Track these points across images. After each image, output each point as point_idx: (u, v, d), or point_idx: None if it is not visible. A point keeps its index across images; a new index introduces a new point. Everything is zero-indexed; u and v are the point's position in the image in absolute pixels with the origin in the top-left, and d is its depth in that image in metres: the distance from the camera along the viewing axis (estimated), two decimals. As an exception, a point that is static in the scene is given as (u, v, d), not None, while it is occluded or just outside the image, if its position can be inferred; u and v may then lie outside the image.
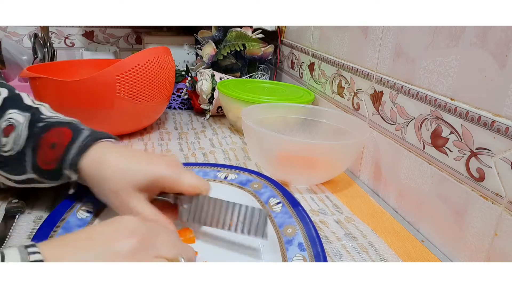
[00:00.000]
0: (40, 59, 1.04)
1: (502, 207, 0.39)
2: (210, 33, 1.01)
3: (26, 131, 0.45)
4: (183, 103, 0.95)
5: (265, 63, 1.02)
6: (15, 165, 0.45)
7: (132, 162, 0.43)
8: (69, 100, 0.65)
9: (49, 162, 0.43)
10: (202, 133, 0.80)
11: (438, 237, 0.49)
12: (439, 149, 0.48)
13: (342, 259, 0.44)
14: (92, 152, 0.43)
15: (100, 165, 0.42)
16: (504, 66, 0.39)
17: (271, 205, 0.50)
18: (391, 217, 0.53)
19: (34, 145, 0.44)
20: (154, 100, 0.71)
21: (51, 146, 0.44)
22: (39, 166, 0.44)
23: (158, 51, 0.71)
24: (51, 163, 0.43)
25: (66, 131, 0.45)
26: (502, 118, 0.39)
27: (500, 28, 0.39)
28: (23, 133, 0.45)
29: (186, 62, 1.22)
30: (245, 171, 0.57)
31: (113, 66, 0.65)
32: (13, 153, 0.44)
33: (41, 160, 0.44)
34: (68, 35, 1.49)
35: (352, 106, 0.67)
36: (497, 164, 0.40)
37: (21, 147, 0.44)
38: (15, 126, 0.45)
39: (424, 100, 0.50)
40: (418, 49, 0.51)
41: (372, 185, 0.63)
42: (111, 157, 0.43)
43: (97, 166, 0.42)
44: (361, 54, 0.64)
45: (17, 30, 1.42)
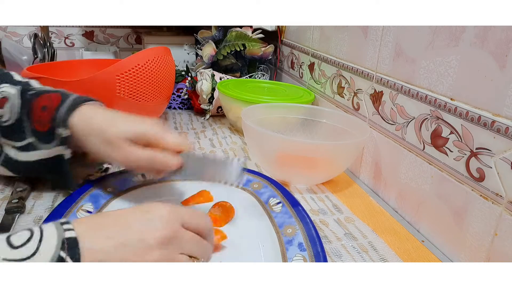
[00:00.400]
0: (40, 59, 1.04)
1: (502, 207, 0.39)
2: (210, 33, 1.01)
3: (19, 100, 0.48)
4: (183, 103, 0.95)
5: (265, 63, 1.02)
6: (17, 132, 0.48)
7: (120, 118, 0.46)
8: (69, 100, 0.65)
9: (43, 124, 0.46)
10: (202, 133, 0.80)
11: (438, 237, 0.49)
12: (439, 149, 0.48)
13: (342, 259, 0.44)
14: (81, 110, 0.46)
15: (90, 119, 0.46)
16: (504, 66, 0.39)
17: (271, 205, 0.50)
18: (391, 217, 0.53)
19: (28, 111, 0.47)
20: (154, 100, 0.71)
21: (42, 108, 0.47)
22: (36, 129, 0.47)
23: (158, 51, 0.71)
24: (45, 124, 0.46)
25: (56, 95, 0.48)
26: (502, 118, 0.39)
27: (500, 28, 0.39)
28: (17, 102, 0.48)
29: (186, 62, 1.21)
30: (245, 171, 0.57)
31: (113, 66, 0.65)
32: (12, 121, 0.47)
33: (36, 122, 0.47)
34: (68, 35, 1.49)
35: (352, 106, 0.67)
36: (497, 164, 0.40)
37: (18, 114, 0.47)
38: (8, 97, 0.48)
39: (424, 100, 0.50)
40: (418, 49, 0.51)
41: (372, 185, 0.63)
42: (98, 113, 0.46)
43: (87, 120, 0.46)
44: (361, 54, 0.64)
45: (17, 30, 1.42)
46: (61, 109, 0.46)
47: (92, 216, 0.37)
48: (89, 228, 0.32)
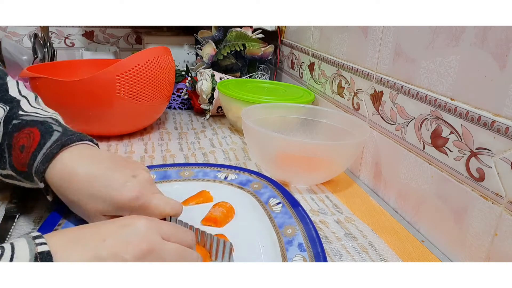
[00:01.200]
0: (40, 59, 1.04)
1: (502, 207, 0.39)
2: (210, 33, 1.01)
3: (2, 127, 0.44)
4: (183, 103, 0.95)
5: (265, 63, 1.02)
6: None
7: (99, 185, 0.40)
8: (69, 100, 0.65)
9: (21, 165, 0.42)
10: (202, 133, 0.80)
11: (438, 237, 0.49)
12: (439, 149, 0.48)
13: (342, 259, 0.44)
14: (57, 162, 0.41)
15: (65, 183, 0.40)
16: (504, 66, 0.39)
17: (271, 205, 0.50)
18: (391, 217, 0.53)
19: (8, 144, 0.43)
20: (154, 100, 0.71)
21: (20, 148, 0.42)
22: (14, 166, 0.43)
23: (158, 51, 0.71)
24: (23, 166, 0.42)
25: (36, 133, 0.42)
26: (502, 118, 0.39)
27: (500, 28, 0.39)
28: (0, 129, 0.44)
29: (186, 62, 1.22)
30: (245, 171, 0.57)
31: (113, 66, 0.65)
32: None
33: (15, 161, 0.42)
34: (68, 35, 1.49)
35: (352, 106, 0.67)
36: (497, 164, 0.40)
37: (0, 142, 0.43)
38: None
39: (424, 100, 0.50)
40: (418, 49, 0.51)
41: (372, 185, 0.63)
42: (77, 172, 0.40)
43: (63, 183, 0.40)
44: (361, 54, 0.64)
45: (17, 30, 1.42)
46: (37, 157, 0.41)
47: (67, 229, 0.35)
48: (64, 242, 0.31)
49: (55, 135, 0.42)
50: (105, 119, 0.69)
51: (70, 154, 0.42)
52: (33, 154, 0.41)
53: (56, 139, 0.42)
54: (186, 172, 0.57)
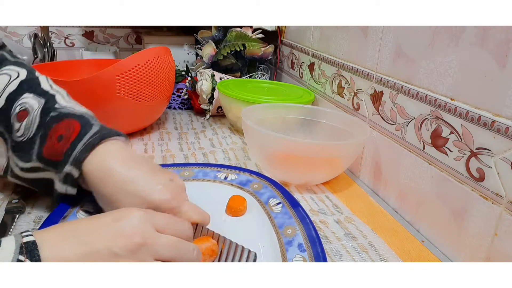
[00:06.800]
0: (40, 59, 1.04)
1: (502, 207, 0.39)
2: (210, 33, 1.01)
3: (38, 119, 0.44)
4: (183, 103, 0.95)
5: (265, 63, 1.02)
6: (25, 151, 0.44)
7: (136, 183, 0.40)
8: (69, 100, 0.65)
9: (54, 154, 0.43)
10: (202, 133, 0.80)
11: (438, 237, 0.49)
12: (439, 149, 0.48)
13: (342, 259, 0.44)
14: (96, 153, 0.42)
15: (102, 177, 0.41)
16: (504, 66, 0.39)
17: (271, 205, 0.50)
18: (391, 217, 0.53)
19: (43, 135, 0.43)
20: (154, 100, 0.71)
21: (58, 138, 0.43)
22: (44, 156, 0.43)
23: (158, 51, 0.71)
24: (57, 155, 0.42)
25: (76, 124, 0.44)
26: (502, 118, 0.39)
27: (500, 28, 0.39)
28: (35, 121, 0.44)
29: (186, 62, 1.21)
30: (245, 171, 0.57)
31: (113, 66, 0.65)
32: (25, 138, 0.44)
33: (47, 150, 0.43)
34: (68, 35, 1.49)
35: (352, 106, 0.67)
36: (497, 164, 0.40)
37: (32, 134, 0.44)
38: (28, 111, 0.44)
39: (424, 100, 0.50)
40: (418, 49, 0.51)
41: (372, 185, 0.63)
42: (114, 168, 0.41)
43: (99, 176, 0.41)
44: (361, 54, 0.64)
45: (17, 30, 1.42)
46: (77, 146, 0.42)
47: (59, 225, 0.35)
48: (55, 235, 0.31)
49: (94, 128, 0.44)
50: (105, 119, 0.68)
51: (109, 148, 0.43)
52: (72, 143, 0.42)
53: (96, 131, 0.44)
54: (186, 172, 0.57)
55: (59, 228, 0.33)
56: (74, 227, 0.33)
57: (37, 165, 0.44)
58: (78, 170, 0.42)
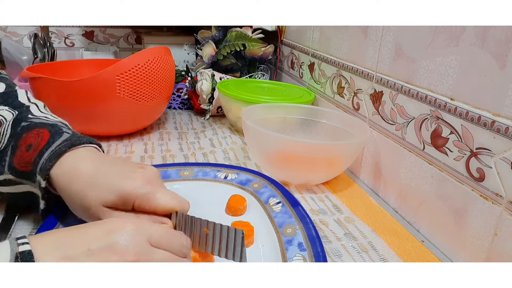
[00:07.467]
0: (40, 59, 1.04)
1: (502, 207, 0.39)
2: (210, 33, 1.01)
3: (10, 129, 0.43)
4: (183, 103, 0.95)
5: (265, 63, 1.02)
6: None
7: (104, 176, 0.39)
8: (69, 100, 0.65)
9: (24, 164, 0.41)
10: (202, 133, 0.80)
11: (438, 237, 0.49)
12: (439, 149, 0.48)
13: (342, 259, 0.44)
14: (64, 160, 0.40)
15: (70, 177, 0.39)
16: (504, 66, 0.39)
17: (271, 205, 0.50)
18: (391, 217, 0.53)
19: (14, 145, 0.42)
20: (154, 100, 0.71)
21: (27, 147, 0.41)
22: (15, 167, 0.42)
23: (158, 51, 0.71)
24: (26, 165, 0.41)
25: (45, 133, 0.42)
26: (502, 118, 0.39)
27: (500, 28, 0.39)
28: (7, 132, 0.43)
29: (186, 62, 1.22)
30: (245, 171, 0.57)
31: (113, 66, 0.65)
32: None
33: (17, 161, 0.42)
34: (68, 35, 1.49)
35: (352, 106, 0.67)
36: (497, 164, 0.40)
37: (4, 145, 0.43)
38: (2, 123, 0.44)
39: (424, 100, 0.50)
40: (418, 49, 0.51)
41: (372, 185, 0.63)
42: (82, 168, 0.40)
43: (67, 178, 0.39)
44: (361, 54, 0.64)
45: (17, 30, 1.42)
46: (45, 154, 0.40)
47: (52, 232, 0.34)
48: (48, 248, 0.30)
49: (64, 136, 0.42)
50: (105, 119, 0.69)
51: (78, 154, 0.41)
52: (40, 152, 0.40)
53: (65, 139, 0.42)
54: (186, 172, 0.57)
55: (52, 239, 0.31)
56: (67, 240, 0.31)
57: (9, 177, 0.42)
58: (44, 179, 0.40)
